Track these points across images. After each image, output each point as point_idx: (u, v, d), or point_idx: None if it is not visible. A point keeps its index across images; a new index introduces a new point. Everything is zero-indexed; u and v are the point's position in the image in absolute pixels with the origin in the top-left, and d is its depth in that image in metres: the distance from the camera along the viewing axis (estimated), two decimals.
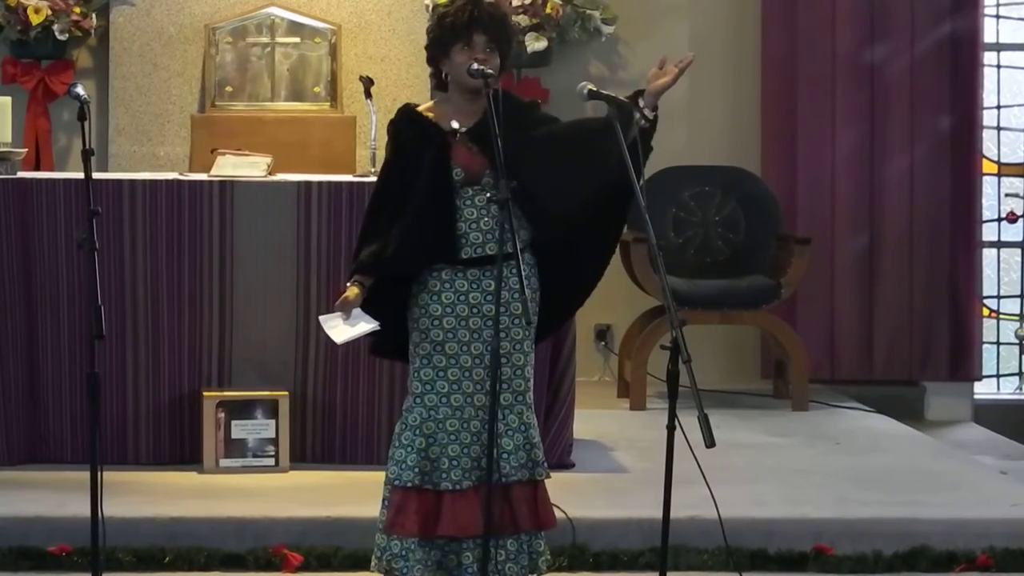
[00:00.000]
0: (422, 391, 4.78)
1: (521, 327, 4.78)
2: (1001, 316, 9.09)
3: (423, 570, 4.75)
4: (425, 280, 4.78)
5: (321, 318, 4.81)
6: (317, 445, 6.44)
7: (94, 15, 8.38)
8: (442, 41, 4.79)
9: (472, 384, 4.78)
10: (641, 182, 4.59)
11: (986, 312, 8.99)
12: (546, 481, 4.91)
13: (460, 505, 4.74)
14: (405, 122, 4.85)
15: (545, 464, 4.87)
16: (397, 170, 4.80)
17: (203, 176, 6.52)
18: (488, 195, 4.61)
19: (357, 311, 4.74)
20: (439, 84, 4.88)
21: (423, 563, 4.75)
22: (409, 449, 4.77)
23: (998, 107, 9.05)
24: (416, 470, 4.75)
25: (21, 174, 6.46)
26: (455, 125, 4.79)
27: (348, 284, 4.77)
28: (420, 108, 4.88)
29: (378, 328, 4.77)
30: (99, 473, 4.52)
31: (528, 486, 4.81)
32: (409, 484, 4.75)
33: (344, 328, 4.75)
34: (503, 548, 4.76)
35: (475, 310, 4.78)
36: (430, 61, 4.87)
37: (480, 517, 4.72)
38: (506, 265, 4.71)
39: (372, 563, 4.90)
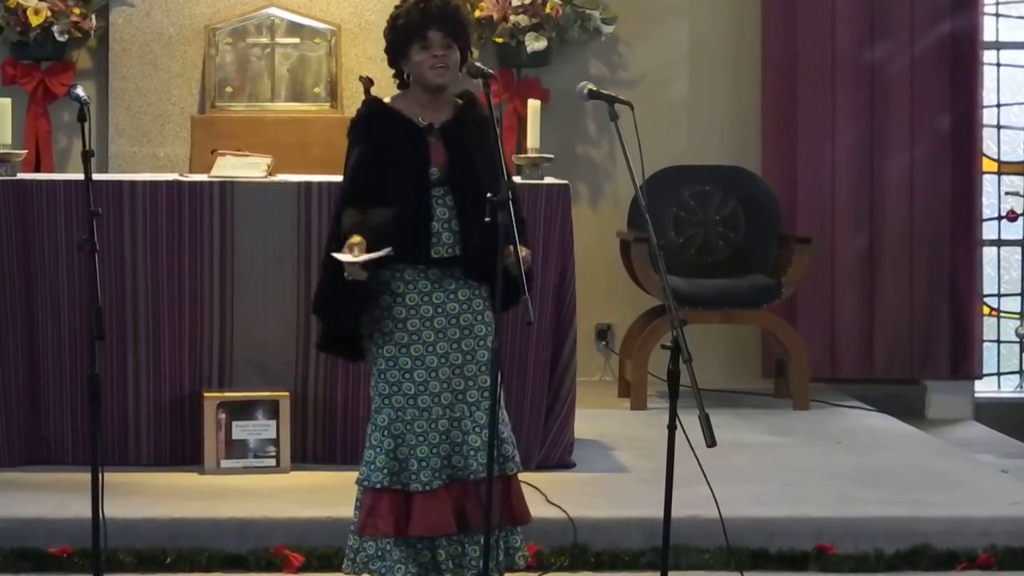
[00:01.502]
0: (389, 392, 4.79)
1: (484, 324, 4.78)
2: (1002, 314, 9.09)
3: (404, 569, 4.75)
4: (387, 281, 4.78)
5: (342, 256, 4.64)
6: (318, 445, 6.43)
7: (93, 16, 8.37)
8: (398, 44, 4.80)
9: (439, 384, 4.78)
10: (641, 181, 4.59)
11: (987, 310, 8.99)
12: (547, 480, 4.91)
13: (431, 505, 4.74)
14: (380, 117, 4.82)
15: (516, 459, 4.86)
16: (376, 165, 4.76)
17: (203, 177, 6.52)
18: (488, 195, 4.59)
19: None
20: (403, 84, 4.89)
21: (402, 562, 4.75)
22: (378, 450, 4.77)
23: (998, 105, 9.05)
24: (385, 471, 4.75)
25: (21, 175, 6.46)
26: (424, 122, 4.79)
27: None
28: (387, 102, 4.87)
29: (391, 253, 4.66)
30: (100, 474, 4.52)
31: (499, 481, 4.79)
32: (379, 485, 4.75)
33: (368, 260, 4.63)
34: (477, 544, 4.75)
35: (440, 310, 4.78)
36: (391, 63, 4.87)
37: (451, 515, 4.73)
38: (459, 263, 4.72)
39: (344, 565, 4.88)
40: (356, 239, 4.66)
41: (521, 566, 4.91)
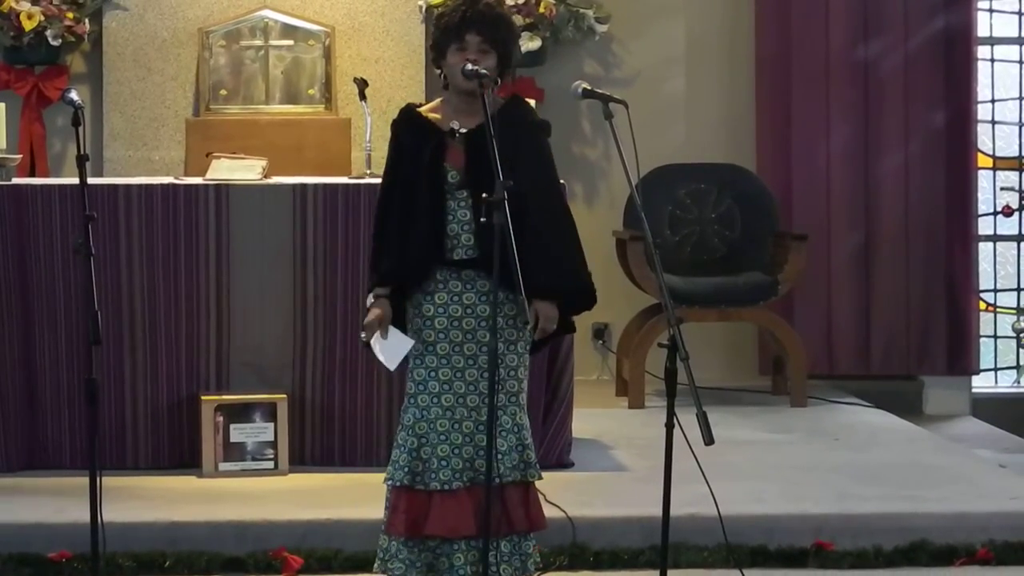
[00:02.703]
0: (415, 391, 4.79)
1: (515, 328, 4.77)
2: (998, 310, 9.09)
3: (406, 570, 4.76)
4: (419, 283, 4.78)
5: (373, 344, 4.75)
6: (316, 447, 6.43)
7: (87, 20, 8.37)
8: (439, 42, 4.80)
9: (464, 385, 4.78)
10: (636, 180, 4.59)
11: (983, 306, 9.00)
12: (546, 480, 4.91)
13: (449, 505, 4.74)
14: (404, 122, 4.85)
15: (537, 466, 4.86)
16: (399, 171, 4.81)
17: (198, 180, 6.52)
18: (483, 195, 4.58)
19: (391, 328, 4.75)
20: (445, 84, 4.89)
21: (407, 563, 4.76)
22: (402, 449, 4.78)
23: (992, 101, 9.06)
24: (406, 470, 4.75)
25: (16, 180, 6.45)
26: (454, 126, 4.78)
27: (372, 299, 4.74)
28: (422, 108, 4.88)
29: (413, 347, 4.78)
30: (98, 478, 4.52)
31: (520, 487, 4.81)
32: (399, 483, 4.76)
33: (390, 351, 4.74)
34: (495, 549, 4.74)
35: (469, 310, 4.77)
36: (433, 62, 4.89)
37: (471, 518, 4.72)
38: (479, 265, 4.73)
39: (376, 563, 4.89)
40: (376, 313, 4.71)
41: (532, 571, 4.91)
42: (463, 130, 4.77)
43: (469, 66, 4.69)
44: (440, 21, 4.80)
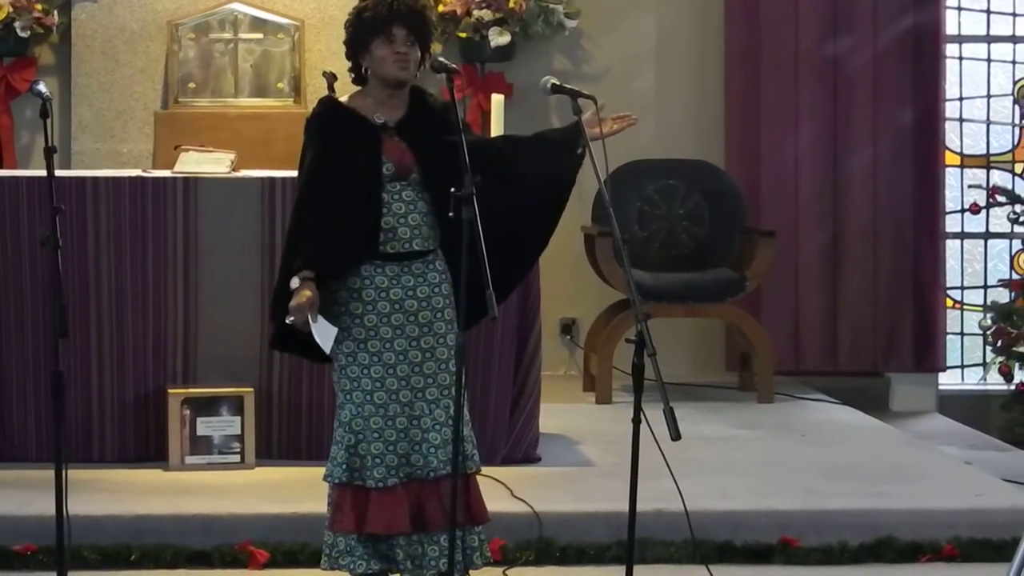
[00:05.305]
0: (350, 388, 4.79)
1: (443, 321, 4.78)
2: (965, 307, 9.12)
3: (366, 565, 4.76)
4: (344, 276, 4.77)
5: (313, 328, 4.70)
6: (283, 441, 6.43)
7: (56, 12, 8.34)
8: (362, 36, 4.79)
9: (397, 381, 4.77)
10: (605, 176, 4.59)
11: (950, 303, 9.02)
12: (512, 475, 4.91)
13: (386, 502, 4.73)
14: (332, 115, 4.82)
15: (476, 457, 4.85)
16: (329, 164, 4.75)
17: (167, 173, 6.50)
18: (452, 190, 4.57)
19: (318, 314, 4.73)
20: (358, 79, 4.87)
21: (365, 558, 4.76)
22: (340, 446, 4.78)
23: (960, 99, 9.08)
24: (344, 467, 4.76)
25: None
26: (379, 119, 4.78)
27: (298, 282, 4.67)
28: (343, 100, 4.87)
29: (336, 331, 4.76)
30: (64, 471, 4.51)
31: (459, 480, 4.77)
32: (338, 481, 4.76)
33: (323, 335, 4.72)
34: (436, 544, 4.75)
35: (397, 306, 4.77)
36: (349, 56, 4.86)
37: (406, 515, 4.72)
38: (424, 260, 4.73)
39: (322, 561, 4.87)
40: (306, 294, 4.64)
41: (479, 565, 4.88)
42: (389, 123, 4.77)
43: (440, 59, 4.71)
44: (363, 15, 4.78)
